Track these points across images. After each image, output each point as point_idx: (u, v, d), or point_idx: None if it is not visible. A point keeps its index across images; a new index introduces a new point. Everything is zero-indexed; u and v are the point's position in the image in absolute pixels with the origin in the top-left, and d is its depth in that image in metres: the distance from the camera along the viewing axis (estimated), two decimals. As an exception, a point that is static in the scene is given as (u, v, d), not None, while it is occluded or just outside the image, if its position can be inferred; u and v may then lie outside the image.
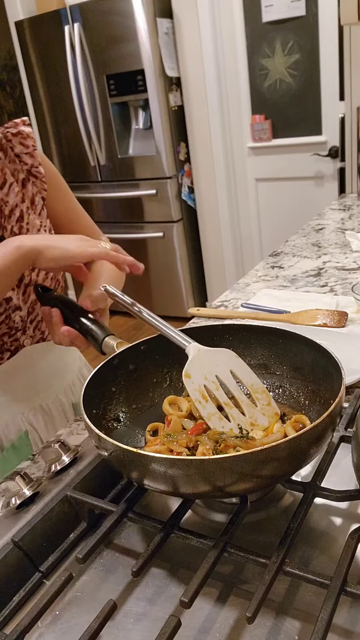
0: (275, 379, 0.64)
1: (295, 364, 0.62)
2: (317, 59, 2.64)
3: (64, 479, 0.56)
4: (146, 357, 0.63)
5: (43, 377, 0.87)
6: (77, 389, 0.92)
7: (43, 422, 0.86)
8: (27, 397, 0.85)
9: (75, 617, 0.46)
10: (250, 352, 0.65)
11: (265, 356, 0.64)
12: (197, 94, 2.90)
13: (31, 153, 0.83)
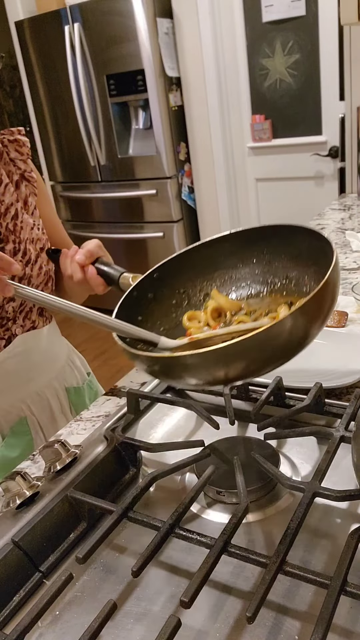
0: (280, 272, 0.67)
1: (292, 252, 0.65)
2: (317, 59, 2.64)
3: (64, 478, 0.56)
4: (161, 283, 0.68)
5: (36, 364, 0.90)
6: (67, 374, 0.97)
7: (40, 407, 0.90)
8: (23, 384, 0.88)
9: (76, 617, 0.46)
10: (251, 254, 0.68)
11: (265, 254, 0.68)
12: (197, 94, 2.90)
13: (25, 160, 0.88)
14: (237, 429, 0.68)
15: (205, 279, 0.71)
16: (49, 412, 0.91)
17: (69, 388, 0.96)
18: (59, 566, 0.52)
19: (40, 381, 0.90)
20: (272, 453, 0.60)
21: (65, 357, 0.98)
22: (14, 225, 0.83)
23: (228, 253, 0.69)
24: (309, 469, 0.60)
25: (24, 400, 0.88)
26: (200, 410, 0.66)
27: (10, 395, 0.87)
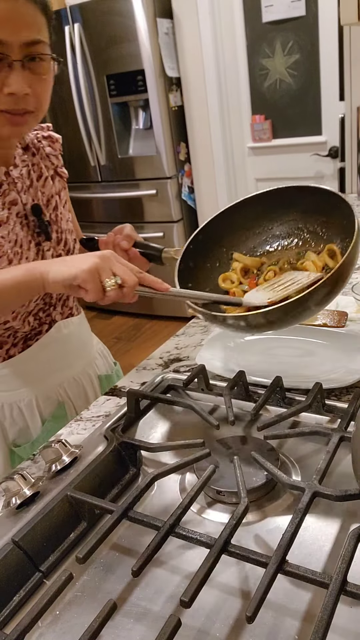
0: (295, 225, 0.82)
1: (303, 208, 0.79)
2: (317, 59, 2.64)
3: (65, 478, 0.56)
4: (197, 252, 0.82)
5: (73, 350, 0.94)
6: (98, 362, 1.02)
7: (77, 392, 0.95)
8: (61, 369, 0.92)
9: (76, 617, 0.46)
10: (269, 217, 0.83)
11: (280, 214, 0.82)
12: (197, 94, 2.90)
13: (57, 156, 0.92)
14: (237, 429, 0.68)
15: (231, 242, 0.85)
16: (84, 397, 0.96)
17: (100, 375, 1.01)
18: (59, 566, 0.52)
19: (76, 367, 0.95)
20: (272, 453, 0.60)
21: (95, 346, 1.03)
22: (56, 216, 0.88)
23: (245, 218, 0.83)
24: (308, 469, 0.60)
25: (62, 386, 0.92)
26: (200, 410, 0.66)
27: (51, 380, 0.90)
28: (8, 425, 0.87)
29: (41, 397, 0.89)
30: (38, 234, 0.84)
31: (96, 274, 0.61)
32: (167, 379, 0.77)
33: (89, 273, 0.61)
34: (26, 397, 0.87)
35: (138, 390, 0.71)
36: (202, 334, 1.00)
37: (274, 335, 0.90)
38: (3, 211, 0.78)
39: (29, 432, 0.88)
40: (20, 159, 0.84)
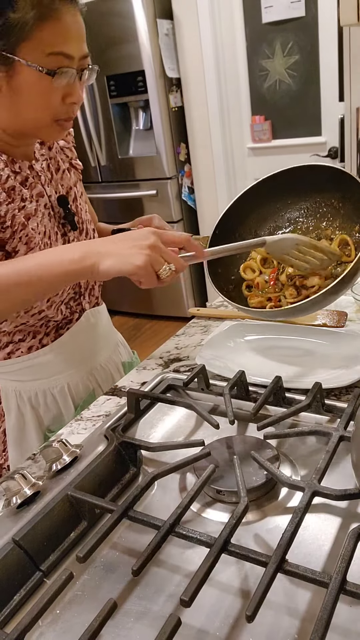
0: (313, 200, 0.86)
1: (319, 186, 0.83)
2: (317, 59, 2.65)
3: (65, 478, 0.56)
4: (221, 238, 0.84)
5: (100, 338, 0.98)
6: (121, 350, 1.07)
7: (105, 379, 0.98)
8: (90, 356, 0.96)
9: (76, 616, 0.47)
10: (286, 196, 0.87)
11: (297, 192, 0.86)
12: (197, 94, 2.90)
13: (71, 148, 0.96)
14: (237, 428, 0.68)
15: (250, 226, 0.89)
16: (111, 383, 0.98)
17: (124, 362, 1.06)
18: (59, 565, 0.52)
19: (103, 355, 0.99)
20: (272, 452, 0.60)
21: (116, 335, 1.08)
22: (76, 207, 0.90)
23: (261, 201, 0.87)
24: (308, 469, 0.60)
25: (92, 373, 0.96)
26: (200, 410, 0.67)
27: (81, 367, 0.94)
28: (42, 412, 0.90)
29: (73, 384, 0.92)
30: (63, 224, 0.87)
31: (150, 268, 0.63)
32: (167, 378, 0.77)
33: (144, 269, 0.63)
34: (59, 384, 0.90)
35: (138, 390, 0.71)
36: (202, 334, 1.00)
37: (274, 335, 0.90)
38: (32, 204, 0.80)
39: (62, 418, 0.91)
40: (39, 153, 0.87)
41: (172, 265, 0.65)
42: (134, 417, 0.69)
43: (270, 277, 0.83)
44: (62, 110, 0.74)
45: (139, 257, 0.63)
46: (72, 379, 0.92)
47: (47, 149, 0.89)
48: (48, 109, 0.72)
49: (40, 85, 0.70)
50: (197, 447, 0.60)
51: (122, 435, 0.63)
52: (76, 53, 0.70)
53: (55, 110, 0.73)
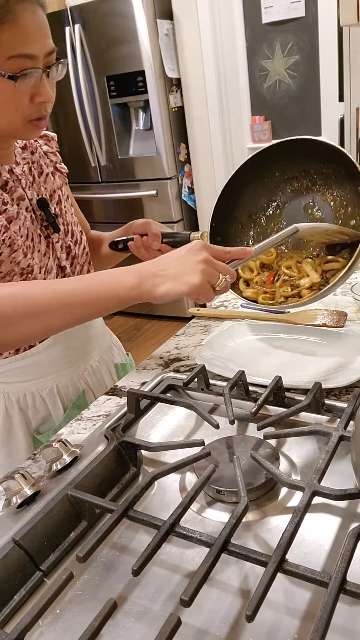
0: (302, 169, 0.89)
1: (306, 158, 0.88)
2: (317, 60, 2.65)
3: (65, 478, 0.56)
4: (220, 230, 0.87)
5: (92, 339, 0.97)
6: (114, 351, 1.05)
7: (96, 380, 0.97)
8: (80, 358, 0.94)
9: (76, 616, 0.47)
10: (275, 170, 0.89)
11: (286, 165, 0.89)
12: (197, 95, 2.90)
13: (55, 153, 0.95)
14: (237, 428, 0.69)
15: (247, 207, 0.90)
16: (103, 385, 0.98)
17: (117, 364, 1.04)
18: (59, 565, 0.52)
19: (94, 356, 0.97)
20: (272, 452, 0.60)
21: (109, 336, 1.06)
22: (60, 210, 0.91)
23: (251, 181, 0.88)
24: (308, 468, 0.60)
25: (83, 375, 0.94)
26: (200, 410, 0.67)
27: (71, 369, 0.92)
28: (31, 413, 0.89)
29: (62, 385, 0.91)
30: (46, 227, 0.86)
31: (207, 284, 0.63)
32: (167, 378, 0.77)
33: (200, 287, 0.63)
34: (48, 385, 0.89)
35: (138, 390, 0.71)
36: (202, 334, 1.00)
37: (274, 335, 0.90)
38: (13, 207, 0.80)
39: (51, 420, 0.90)
40: (21, 157, 0.86)
41: (227, 276, 0.66)
42: (134, 417, 0.69)
43: (267, 279, 0.85)
44: (33, 111, 0.72)
45: (195, 275, 0.63)
46: (61, 380, 0.91)
47: (29, 153, 0.89)
48: (17, 112, 0.71)
49: (4, 91, 0.68)
50: (197, 447, 0.60)
51: (122, 435, 0.63)
52: (40, 51, 0.68)
53: (25, 111, 0.71)
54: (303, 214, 0.87)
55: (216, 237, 0.88)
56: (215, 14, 2.73)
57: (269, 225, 0.91)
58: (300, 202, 0.87)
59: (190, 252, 0.65)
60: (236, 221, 0.89)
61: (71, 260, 0.91)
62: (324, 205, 0.85)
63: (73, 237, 0.92)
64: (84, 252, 0.94)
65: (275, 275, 0.84)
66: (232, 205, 0.88)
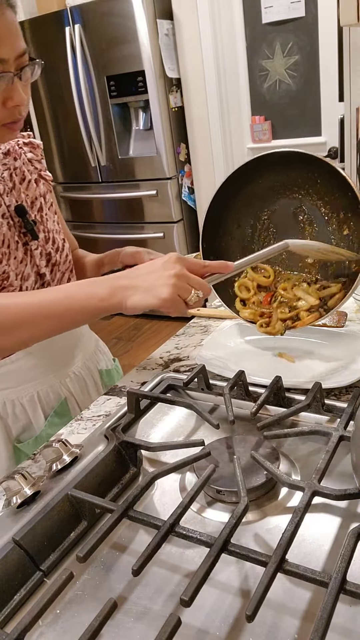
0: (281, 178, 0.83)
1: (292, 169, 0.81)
2: (317, 60, 2.65)
3: (65, 478, 0.56)
4: (211, 249, 0.86)
5: (73, 345, 0.95)
6: (98, 357, 1.03)
7: (79, 388, 0.95)
8: (62, 364, 0.93)
9: (76, 616, 0.47)
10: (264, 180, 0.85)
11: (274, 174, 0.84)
12: (197, 95, 2.90)
13: (39, 160, 0.94)
14: (237, 428, 0.69)
15: (238, 230, 0.88)
16: (86, 392, 0.96)
17: (101, 370, 1.02)
18: (59, 565, 0.52)
19: (77, 362, 0.95)
20: (272, 452, 0.60)
21: (94, 342, 1.04)
22: (41, 217, 0.89)
23: (243, 204, 0.86)
24: (308, 468, 0.60)
25: (64, 381, 0.92)
26: (200, 410, 0.67)
27: (52, 376, 0.90)
28: (11, 422, 0.87)
29: (43, 393, 0.89)
30: (24, 234, 0.85)
31: (177, 298, 0.63)
32: (167, 378, 0.77)
33: (171, 301, 0.63)
34: (28, 393, 0.88)
35: (138, 390, 0.71)
36: (202, 334, 1.00)
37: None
38: None
39: (32, 428, 0.89)
40: (1, 163, 0.86)
41: (200, 292, 0.65)
42: (134, 417, 0.69)
43: (264, 300, 0.83)
44: (6, 115, 0.70)
45: (166, 288, 0.62)
46: (42, 387, 0.89)
47: (12, 159, 0.88)
48: None
49: None
50: (197, 447, 0.60)
51: (122, 435, 0.63)
52: (10, 55, 0.66)
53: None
54: (293, 222, 0.84)
55: (209, 256, 0.86)
56: (215, 14, 2.73)
57: (261, 235, 0.88)
58: (289, 208, 0.84)
59: (164, 265, 0.65)
60: (226, 235, 0.87)
61: (51, 267, 0.89)
62: (313, 209, 0.83)
63: (54, 244, 0.90)
64: (67, 260, 0.92)
65: (272, 296, 0.83)
66: (221, 220, 0.86)
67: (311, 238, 0.83)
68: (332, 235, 0.81)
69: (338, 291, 0.79)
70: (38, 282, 0.87)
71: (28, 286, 0.84)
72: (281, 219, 0.86)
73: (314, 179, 0.80)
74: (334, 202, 0.80)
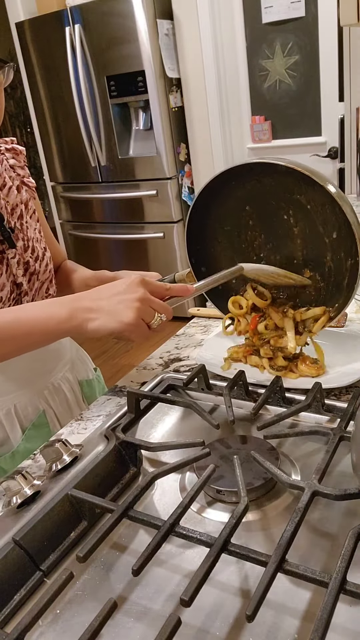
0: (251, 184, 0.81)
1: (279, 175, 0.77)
2: (317, 60, 2.65)
3: (65, 478, 0.56)
4: (201, 262, 0.85)
5: (51, 357, 0.92)
6: (78, 367, 0.99)
7: (57, 399, 0.92)
8: (40, 376, 0.90)
9: (76, 616, 0.47)
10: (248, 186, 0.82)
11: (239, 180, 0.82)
12: (197, 94, 2.90)
13: (22, 167, 0.92)
14: (237, 428, 0.69)
15: (224, 233, 0.85)
16: (65, 404, 0.94)
17: (81, 381, 0.99)
18: (59, 565, 0.52)
19: (55, 374, 0.93)
20: (272, 452, 0.60)
21: (75, 351, 1.01)
22: (21, 225, 0.87)
23: (226, 207, 0.83)
24: (308, 468, 0.60)
25: (42, 393, 0.90)
26: (200, 410, 0.67)
27: (30, 388, 0.88)
28: None
29: (21, 405, 0.86)
30: (1, 242, 0.82)
31: (141, 322, 0.62)
32: (167, 378, 0.77)
33: (134, 325, 0.62)
34: (5, 406, 0.85)
35: (138, 390, 0.71)
36: (202, 334, 1.00)
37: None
38: None
39: (9, 442, 0.85)
40: None
41: (163, 315, 0.64)
42: (134, 417, 0.69)
43: (251, 321, 0.80)
44: None
45: (128, 312, 0.61)
46: (19, 400, 0.86)
47: None
48: None
49: None
50: (197, 447, 0.60)
51: (122, 435, 0.63)
52: None
53: None
54: (281, 219, 0.80)
55: (200, 268, 0.85)
56: (215, 14, 2.73)
57: (247, 236, 0.83)
58: (273, 205, 0.79)
59: (127, 288, 0.64)
60: (214, 240, 0.85)
61: (29, 276, 0.86)
62: (300, 207, 0.78)
63: (34, 253, 0.87)
64: (47, 270, 0.90)
65: (260, 317, 0.80)
66: (206, 227, 0.84)
67: (299, 229, 0.78)
68: (321, 226, 0.77)
69: (322, 313, 0.76)
70: (14, 292, 0.84)
71: (2, 296, 0.81)
72: (267, 218, 0.81)
73: (292, 171, 0.76)
74: (316, 196, 0.76)
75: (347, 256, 0.73)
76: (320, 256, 0.77)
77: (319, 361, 0.78)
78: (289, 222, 0.79)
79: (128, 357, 2.87)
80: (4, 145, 0.91)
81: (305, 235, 0.77)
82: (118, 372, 2.69)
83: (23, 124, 4.72)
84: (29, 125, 3.57)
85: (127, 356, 2.89)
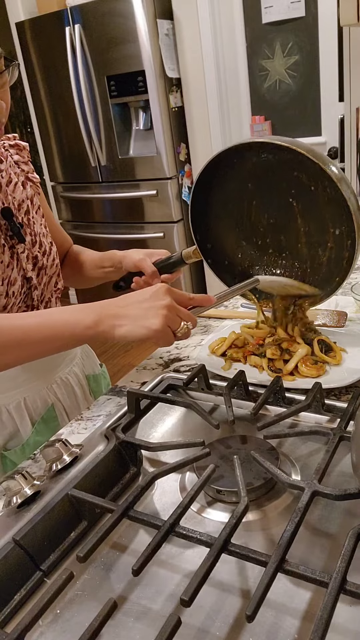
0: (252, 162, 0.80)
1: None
2: (317, 60, 2.65)
3: (65, 477, 0.56)
4: (206, 238, 0.89)
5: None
6: (85, 362, 1.02)
7: (66, 393, 0.94)
8: (48, 371, 0.91)
9: (76, 616, 0.47)
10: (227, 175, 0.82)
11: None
12: (197, 94, 2.90)
13: (26, 162, 0.93)
14: (237, 428, 0.69)
15: (226, 211, 0.86)
16: (73, 398, 0.95)
17: (88, 375, 1.01)
18: (59, 565, 0.52)
19: (63, 368, 0.94)
20: (272, 452, 0.60)
21: (81, 347, 1.02)
22: (28, 220, 0.88)
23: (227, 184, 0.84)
24: (308, 468, 0.60)
25: (51, 387, 0.91)
26: (200, 410, 0.67)
27: (39, 382, 0.89)
28: None
29: (30, 399, 0.88)
30: (11, 237, 0.83)
31: (168, 329, 0.63)
32: (167, 378, 0.77)
33: (162, 332, 0.63)
34: (15, 400, 0.86)
35: (138, 390, 0.71)
36: (202, 334, 1.00)
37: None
38: None
39: (19, 435, 0.87)
40: None
41: (190, 323, 0.66)
42: (134, 417, 0.69)
43: (255, 340, 0.85)
44: None
45: (156, 320, 0.62)
46: (29, 393, 0.87)
47: None
48: None
49: None
50: (197, 447, 0.60)
51: (123, 435, 0.63)
52: None
53: None
54: (285, 198, 0.80)
55: (205, 245, 0.88)
56: (215, 14, 2.73)
57: (249, 210, 0.85)
58: (277, 183, 0.80)
59: (154, 295, 0.65)
60: (217, 217, 0.87)
61: (38, 271, 0.88)
62: (300, 184, 0.78)
63: (41, 247, 0.89)
64: (54, 264, 0.92)
65: (264, 339, 0.85)
66: (208, 205, 0.85)
67: (301, 209, 0.79)
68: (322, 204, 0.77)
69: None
70: (25, 286, 0.85)
71: (15, 291, 0.83)
72: (269, 194, 0.82)
73: (297, 152, 0.75)
74: (320, 178, 0.75)
75: (349, 233, 0.76)
76: (321, 232, 0.79)
77: (335, 352, 0.80)
78: (290, 200, 0.80)
79: (128, 357, 2.87)
80: (6, 142, 0.92)
81: (306, 212, 0.79)
82: (118, 372, 2.69)
83: (23, 123, 4.72)
84: (29, 125, 3.57)
85: (127, 356, 2.89)
